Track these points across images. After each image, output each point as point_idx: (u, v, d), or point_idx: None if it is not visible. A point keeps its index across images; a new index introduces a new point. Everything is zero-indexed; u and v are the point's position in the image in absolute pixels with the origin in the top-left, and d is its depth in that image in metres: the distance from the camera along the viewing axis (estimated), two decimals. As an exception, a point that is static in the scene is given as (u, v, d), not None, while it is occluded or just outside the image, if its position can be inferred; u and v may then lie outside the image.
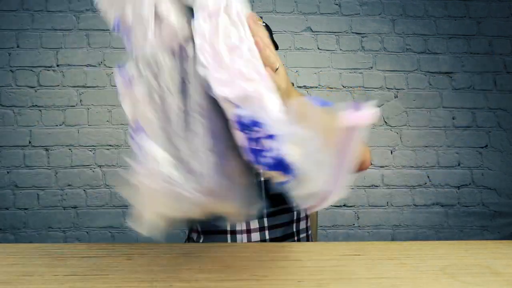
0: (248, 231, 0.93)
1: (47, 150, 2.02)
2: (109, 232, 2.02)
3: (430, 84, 2.21)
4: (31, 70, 2.05)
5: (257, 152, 0.40)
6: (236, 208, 0.46)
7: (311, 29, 2.18)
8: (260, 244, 0.81)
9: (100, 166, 2.03)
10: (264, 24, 1.18)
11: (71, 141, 2.03)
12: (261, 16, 2.16)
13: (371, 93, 2.18)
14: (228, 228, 0.93)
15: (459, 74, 2.22)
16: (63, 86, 2.06)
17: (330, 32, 2.19)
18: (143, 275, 0.56)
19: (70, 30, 2.08)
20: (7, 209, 2.00)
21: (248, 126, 0.39)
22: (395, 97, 2.19)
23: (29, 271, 0.52)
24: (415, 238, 2.10)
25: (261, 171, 0.42)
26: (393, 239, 2.09)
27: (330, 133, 0.40)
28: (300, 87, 2.16)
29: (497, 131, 2.20)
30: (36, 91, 2.04)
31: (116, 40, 2.09)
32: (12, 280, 0.54)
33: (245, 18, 0.45)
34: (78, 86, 2.06)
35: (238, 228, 0.93)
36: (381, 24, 2.21)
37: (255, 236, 0.93)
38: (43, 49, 2.06)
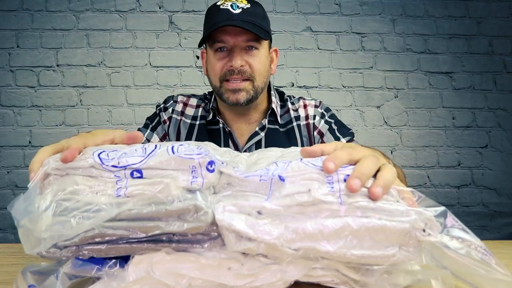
0: None
1: (47, 150, 2.02)
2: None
3: (430, 84, 2.21)
4: (31, 70, 2.05)
5: None
6: None
7: (311, 29, 2.18)
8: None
9: (100, 166, 2.03)
10: (248, 5, 0.95)
11: (71, 141, 2.03)
12: (261, 16, 2.16)
13: (371, 93, 2.18)
14: None
15: (459, 74, 2.22)
16: (63, 86, 2.06)
17: (330, 32, 2.19)
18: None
19: (70, 30, 2.08)
20: (7, 209, 2.00)
21: None
22: (395, 97, 2.19)
23: (29, 271, 0.52)
24: (415, 238, 2.10)
25: None
26: (393, 239, 2.09)
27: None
28: (300, 87, 2.16)
29: (497, 131, 2.20)
30: (36, 91, 2.04)
31: (116, 40, 2.09)
32: (12, 280, 0.54)
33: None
34: (78, 86, 2.06)
35: None
36: (381, 24, 2.21)
37: None
38: (43, 49, 2.06)
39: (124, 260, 0.43)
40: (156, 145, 0.46)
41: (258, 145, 1.02)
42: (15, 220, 0.42)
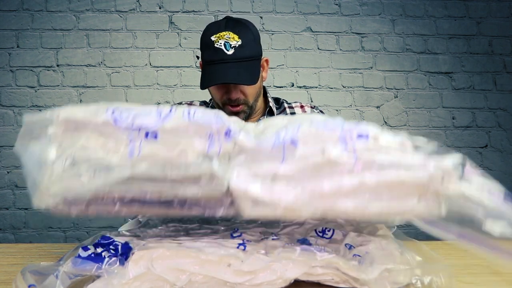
0: None
1: (47, 150, 2.02)
2: (109, 232, 2.01)
3: (430, 84, 2.21)
4: (31, 70, 2.05)
5: None
6: None
7: (311, 29, 2.18)
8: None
9: (100, 166, 2.03)
10: (239, 42, 1.01)
11: (71, 141, 2.03)
12: (261, 16, 2.16)
13: (371, 93, 2.18)
14: None
15: (459, 74, 2.22)
16: (63, 86, 2.06)
17: (330, 32, 2.19)
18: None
19: (70, 30, 2.08)
20: (7, 209, 2.00)
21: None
22: (395, 97, 2.19)
23: (29, 271, 0.52)
24: (416, 237, 2.10)
25: None
26: (393, 239, 2.09)
27: None
28: (300, 87, 2.16)
29: (497, 131, 2.20)
30: (36, 91, 2.04)
31: (116, 40, 2.09)
32: (12, 280, 0.54)
33: None
34: (78, 86, 2.06)
35: None
36: (381, 24, 2.21)
37: None
38: (43, 49, 2.06)
39: (124, 257, 0.43)
40: (171, 108, 0.44)
41: None
42: (25, 169, 0.40)
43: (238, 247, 0.43)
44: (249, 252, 0.43)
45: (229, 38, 1.02)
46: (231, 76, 1.01)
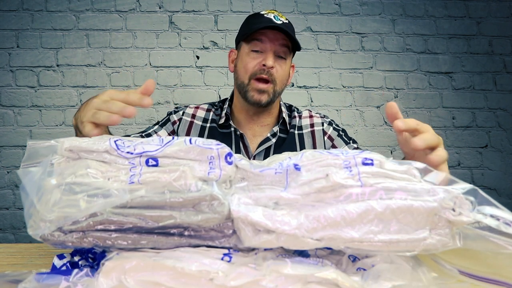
0: None
1: (47, 150, 2.02)
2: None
3: (430, 84, 2.21)
4: (31, 70, 2.05)
5: None
6: None
7: (311, 29, 2.18)
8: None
9: (100, 166, 2.03)
10: (287, 21, 1.08)
11: (71, 141, 2.03)
12: (261, 16, 2.16)
13: (371, 93, 2.18)
14: None
15: (459, 74, 2.21)
16: (63, 86, 2.06)
17: (330, 32, 2.19)
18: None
19: (70, 30, 2.08)
20: (7, 209, 2.00)
21: None
22: (395, 97, 2.19)
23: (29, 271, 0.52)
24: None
25: None
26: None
27: None
28: (300, 87, 2.16)
29: (497, 131, 2.20)
30: (36, 91, 2.04)
31: (116, 40, 2.09)
32: (12, 280, 0.54)
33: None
34: (78, 86, 2.06)
35: None
36: (381, 24, 2.21)
37: None
38: (43, 49, 2.06)
39: (94, 268, 0.40)
40: (173, 137, 0.44)
41: (267, 152, 1.07)
42: (23, 193, 0.38)
43: (222, 258, 0.40)
44: (235, 264, 0.40)
45: (278, 14, 1.08)
46: (279, 29, 1.01)
